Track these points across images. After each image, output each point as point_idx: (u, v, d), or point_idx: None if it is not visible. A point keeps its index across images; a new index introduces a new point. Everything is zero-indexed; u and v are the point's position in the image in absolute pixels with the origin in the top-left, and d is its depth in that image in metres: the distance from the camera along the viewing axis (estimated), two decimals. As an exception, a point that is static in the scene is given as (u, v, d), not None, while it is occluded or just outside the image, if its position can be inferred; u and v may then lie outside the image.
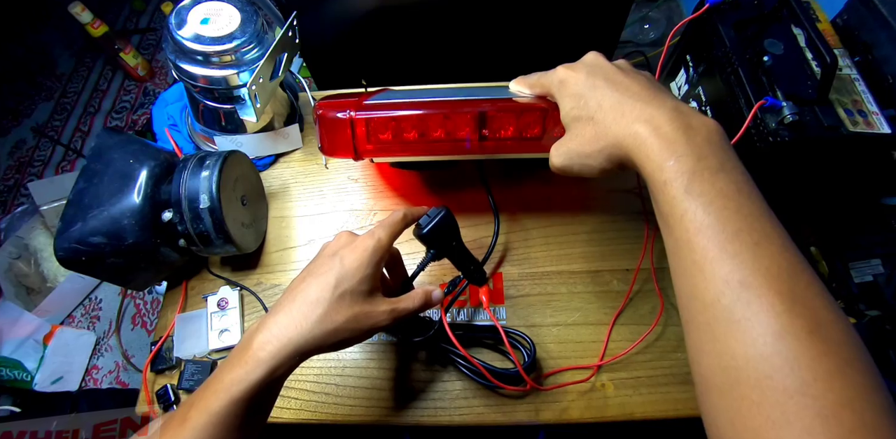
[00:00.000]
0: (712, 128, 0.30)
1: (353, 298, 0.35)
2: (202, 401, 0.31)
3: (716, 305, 0.26)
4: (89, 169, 0.47)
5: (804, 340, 0.23)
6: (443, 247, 0.43)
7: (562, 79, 0.37)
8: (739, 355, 0.25)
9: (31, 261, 1.24)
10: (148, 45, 1.74)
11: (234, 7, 0.51)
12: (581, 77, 0.35)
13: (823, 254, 0.52)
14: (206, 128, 0.58)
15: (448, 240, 0.43)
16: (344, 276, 0.35)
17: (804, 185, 0.48)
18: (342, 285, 0.35)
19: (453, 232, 0.43)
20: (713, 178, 0.28)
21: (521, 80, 0.44)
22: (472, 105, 0.43)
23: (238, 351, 0.33)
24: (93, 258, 0.45)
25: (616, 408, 0.46)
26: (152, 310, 1.26)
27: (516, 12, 0.80)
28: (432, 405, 0.47)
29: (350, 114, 0.43)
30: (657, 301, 0.50)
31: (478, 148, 0.44)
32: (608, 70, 0.36)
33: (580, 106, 0.35)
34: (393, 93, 0.48)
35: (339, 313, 0.34)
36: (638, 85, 0.34)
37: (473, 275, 0.46)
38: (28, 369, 1.12)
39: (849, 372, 0.23)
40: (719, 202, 0.27)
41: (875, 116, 0.41)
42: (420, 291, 0.40)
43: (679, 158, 0.29)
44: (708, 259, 0.27)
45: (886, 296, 0.47)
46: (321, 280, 0.35)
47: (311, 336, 0.33)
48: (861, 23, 0.47)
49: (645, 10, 1.46)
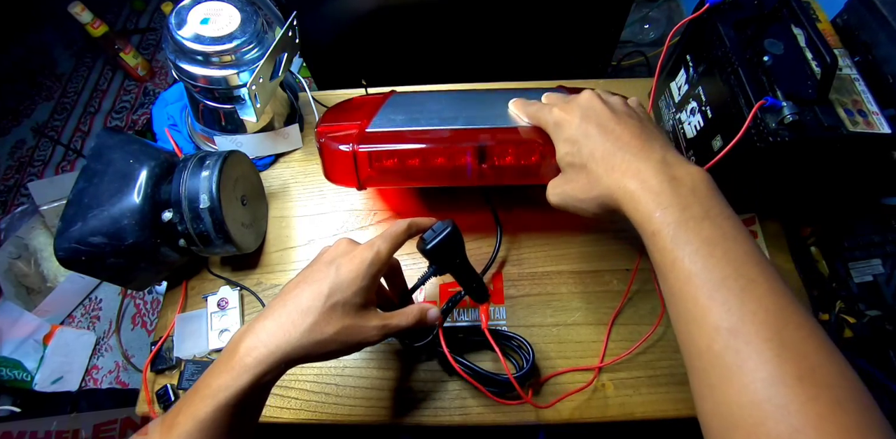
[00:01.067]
0: (697, 178, 0.32)
1: (345, 310, 0.34)
2: (190, 407, 0.31)
3: (709, 352, 0.27)
4: (89, 169, 0.47)
5: (794, 386, 0.24)
6: (445, 264, 0.41)
7: (557, 121, 0.39)
8: (734, 402, 0.25)
9: (31, 261, 1.24)
10: (148, 45, 1.74)
11: (234, 7, 0.51)
12: (575, 122, 0.37)
13: (823, 254, 0.52)
14: (206, 128, 0.58)
15: (452, 257, 0.41)
16: (338, 287, 0.34)
17: (804, 185, 0.48)
18: (335, 296, 0.34)
19: (458, 249, 0.41)
20: (698, 227, 0.29)
21: (521, 106, 0.44)
22: (473, 137, 0.44)
23: (225, 356, 0.33)
24: (93, 258, 0.45)
25: (616, 408, 0.46)
26: (152, 310, 1.26)
27: (516, 12, 0.80)
28: (432, 405, 0.47)
29: (353, 148, 0.44)
30: (657, 301, 0.50)
31: (478, 178, 0.46)
32: (601, 115, 0.37)
33: (574, 152, 0.37)
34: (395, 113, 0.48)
35: (329, 324, 0.33)
36: (629, 133, 0.35)
37: (475, 291, 0.44)
38: (28, 369, 1.12)
39: (840, 414, 0.23)
40: (705, 250, 0.28)
41: (875, 116, 0.41)
42: (416, 309, 0.39)
43: (665, 210, 0.30)
44: (699, 307, 0.28)
45: (886, 296, 0.47)
46: (314, 288, 0.34)
47: (299, 344, 0.33)
48: (861, 23, 0.47)
49: (645, 10, 1.46)
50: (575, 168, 0.37)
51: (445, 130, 0.45)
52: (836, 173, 0.46)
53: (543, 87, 0.57)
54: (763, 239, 0.53)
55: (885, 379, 0.45)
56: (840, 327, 0.47)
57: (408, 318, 0.38)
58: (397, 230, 0.38)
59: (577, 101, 0.39)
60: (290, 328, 0.33)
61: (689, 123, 0.51)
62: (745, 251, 0.29)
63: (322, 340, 0.33)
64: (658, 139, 0.35)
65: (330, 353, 0.35)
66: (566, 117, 0.38)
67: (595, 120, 0.36)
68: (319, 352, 0.34)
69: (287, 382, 0.48)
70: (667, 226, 0.30)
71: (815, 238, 0.53)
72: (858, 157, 0.43)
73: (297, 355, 0.33)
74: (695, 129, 0.50)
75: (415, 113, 0.48)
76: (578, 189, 0.37)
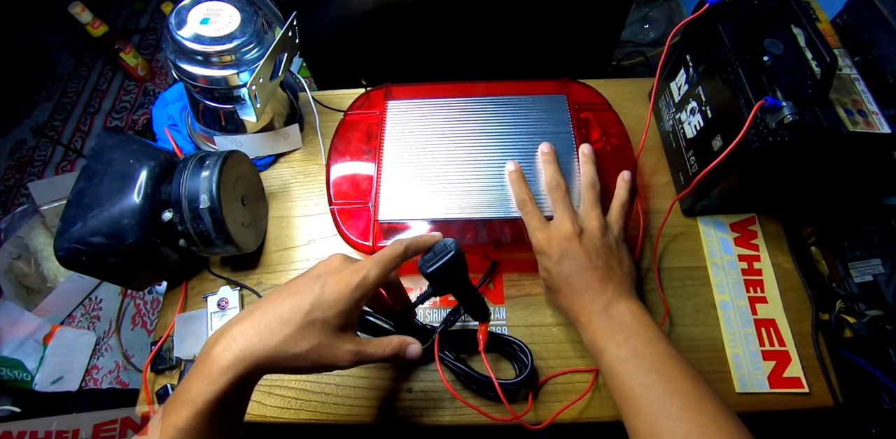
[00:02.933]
0: (626, 313, 0.41)
1: (323, 328, 0.34)
2: (171, 414, 0.31)
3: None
4: (89, 169, 0.47)
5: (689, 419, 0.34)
6: (446, 287, 0.40)
7: (539, 249, 0.45)
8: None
9: (31, 261, 1.24)
10: (148, 45, 1.74)
11: (234, 7, 0.51)
12: (554, 258, 0.44)
13: (823, 254, 0.52)
14: (206, 128, 0.58)
15: (453, 280, 0.40)
16: (319, 305, 0.34)
17: (804, 185, 0.48)
18: (315, 313, 0.33)
19: (460, 272, 0.39)
20: (627, 341, 0.39)
21: (516, 198, 0.48)
22: (485, 231, 0.49)
23: (200, 360, 0.32)
24: (93, 258, 0.45)
25: (616, 409, 0.45)
26: (152, 310, 1.26)
27: (516, 12, 0.80)
28: (432, 405, 0.47)
29: (374, 246, 0.48)
30: (657, 300, 0.50)
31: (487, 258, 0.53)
32: (577, 258, 0.43)
33: (550, 280, 0.45)
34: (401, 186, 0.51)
35: (304, 339, 0.33)
36: (594, 276, 0.42)
37: (474, 311, 0.43)
38: (28, 369, 1.12)
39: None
40: (627, 346, 0.39)
41: (875, 116, 0.41)
42: (396, 341, 0.38)
43: (605, 336, 0.41)
44: (627, 372, 0.38)
45: (886, 296, 0.47)
46: (297, 300, 0.34)
47: (273, 354, 0.32)
48: (861, 23, 0.47)
49: (645, 10, 1.46)
50: (552, 289, 0.45)
51: (457, 222, 0.49)
52: (837, 173, 0.46)
53: (544, 88, 0.57)
54: (763, 239, 0.53)
55: (885, 379, 0.45)
56: (840, 327, 0.47)
57: (384, 350, 0.37)
58: (392, 253, 0.37)
59: (560, 234, 0.44)
60: (266, 335, 0.32)
61: (689, 123, 0.51)
62: (654, 344, 0.39)
63: (295, 353, 0.33)
64: (614, 279, 0.43)
65: (300, 368, 0.34)
66: (547, 251, 0.44)
67: (570, 262, 0.43)
68: (290, 366, 0.33)
69: (287, 382, 0.48)
70: (609, 346, 0.40)
71: (815, 238, 0.53)
72: (858, 157, 0.43)
73: (269, 363, 0.32)
74: (695, 129, 0.50)
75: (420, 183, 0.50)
76: (557, 304, 0.46)
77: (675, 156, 0.55)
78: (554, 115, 0.53)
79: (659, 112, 0.59)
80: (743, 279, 0.51)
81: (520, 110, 0.54)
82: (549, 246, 0.44)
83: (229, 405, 0.32)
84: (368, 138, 0.54)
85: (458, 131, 0.53)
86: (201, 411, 0.30)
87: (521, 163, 0.50)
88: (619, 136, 0.54)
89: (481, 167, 0.50)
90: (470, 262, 0.40)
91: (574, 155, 0.51)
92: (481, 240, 0.48)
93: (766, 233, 0.53)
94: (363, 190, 0.51)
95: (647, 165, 0.58)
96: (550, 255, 0.44)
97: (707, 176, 0.46)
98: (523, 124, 0.53)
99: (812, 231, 0.53)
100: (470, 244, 0.48)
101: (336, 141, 0.55)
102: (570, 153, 0.51)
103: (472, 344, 0.45)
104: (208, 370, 0.31)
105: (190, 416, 0.30)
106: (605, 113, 0.55)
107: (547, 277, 0.45)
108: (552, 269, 0.44)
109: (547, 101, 0.55)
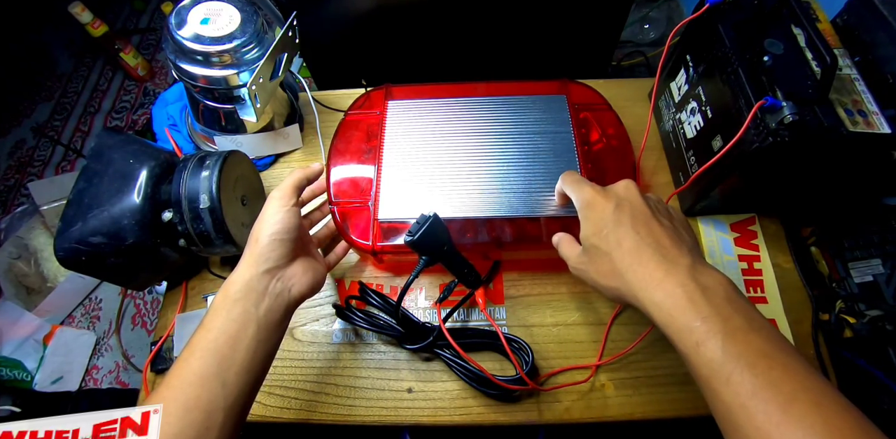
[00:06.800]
0: (727, 287, 0.31)
1: (281, 242, 0.39)
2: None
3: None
4: (89, 169, 0.47)
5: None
6: (434, 253, 0.43)
7: (589, 201, 0.37)
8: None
9: (31, 261, 1.24)
10: (148, 45, 1.74)
11: (234, 7, 0.51)
12: (609, 207, 0.36)
13: (823, 254, 0.52)
14: (206, 128, 0.58)
15: (439, 245, 0.43)
16: (267, 227, 0.39)
17: (804, 185, 0.48)
18: (265, 232, 0.39)
19: (444, 237, 0.43)
20: (746, 338, 0.28)
21: (566, 177, 0.42)
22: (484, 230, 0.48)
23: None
24: (93, 258, 0.45)
25: (616, 408, 0.46)
26: (152, 310, 1.26)
27: (516, 12, 0.80)
28: (432, 405, 0.47)
29: (374, 245, 0.48)
30: (657, 301, 0.50)
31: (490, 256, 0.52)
32: (637, 207, 0.36)
33: (601, 236, 0.36)
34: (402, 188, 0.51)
35: (277, 250, 0.39)
36: (661, 231, 0.34)
37: (468, 278, 0.46)
38: (28, 369, 1.12)
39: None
40: (763, 363, 0.27)
41: (875, 116, 0.41)
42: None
43: (705, 319, 0.29)
44: (773, 423, 0.26)
45: (886, 296, 0.47)
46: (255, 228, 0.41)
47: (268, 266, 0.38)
48: (861, 23, 0.47)
49: (645, 10, 1.46)
50: (599, 252, 0.36)
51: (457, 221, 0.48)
52: (837, 173, 0.46)
53: (544, 88, 0.57)
54: (763, 239, 0.53)
55: (885, 378, 0.45)
56: (840, 327, 0.47)
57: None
58: (285, 181, 0.42)
59: (615, 190, 0.38)
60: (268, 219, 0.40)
61: (689, 123, 0.51)
62: (800, 361, 0.28)
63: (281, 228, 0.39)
64: (687, 243, 0.34)
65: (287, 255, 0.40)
66: (600, 200, 0.37)
67: (629, 210, 0.35)
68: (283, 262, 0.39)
69: (287, 382, 0.48)
70: (713, 336, 0.28)
71: (815, 238, 0.53)
72: (858, 157, 0.43)
73: (268, 270, 0.38)
74: (695, 129, 0.50)
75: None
76: (599, 274, 0.36)
77: (675, 157, 0.55)
78: (554, 116, 0.54)
79: (659, 112, 0.59)
80: (743, 279, 0.51)
81: (520, 110, 0.54)
82: (604, 195, 0.37)
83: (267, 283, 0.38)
84: (368, 138, 0.54)
85: (458, 131, 0.53)
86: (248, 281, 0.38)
87: (521, 163, 0.50)
88: (619, 137, 0.54)
89: (481, 167, 0.50)
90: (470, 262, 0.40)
91: (574, 155, 0.51)
92: (481, 239, 0.48)
93: (766, 233, 0.53)
94: (363, 189, 0.51)
95: (647, 165, 0.58)
96: (605, 204, 0.36)
97: (707, 176, 0.46)
98: (523, 124, 0.53)
99: (812, 231, 0.53)
100: (470, 243, 0.48)
101: (336, 141, 0.55)
102: (570, 153, 0.51)
103: (472, 341, 0.45)
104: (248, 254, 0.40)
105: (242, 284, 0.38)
106: (604, 113, 0.55)
107: (595, 233, 0.36)
108: (607, 217, 0.35)
109: (547, 101, 0.55)
